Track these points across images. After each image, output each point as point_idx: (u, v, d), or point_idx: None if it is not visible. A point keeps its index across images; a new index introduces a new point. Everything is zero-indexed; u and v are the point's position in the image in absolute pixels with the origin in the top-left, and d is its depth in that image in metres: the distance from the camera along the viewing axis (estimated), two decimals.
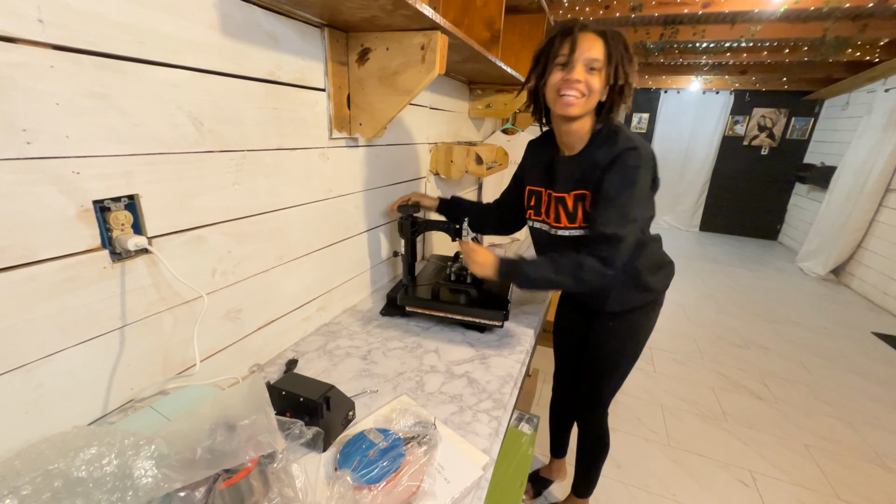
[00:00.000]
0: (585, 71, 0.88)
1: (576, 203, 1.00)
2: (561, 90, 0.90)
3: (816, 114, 5.21)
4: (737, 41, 3.26)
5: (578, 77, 0.87)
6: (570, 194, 1.00)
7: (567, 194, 1.01)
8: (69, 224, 0.57)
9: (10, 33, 0.48)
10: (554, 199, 1.03)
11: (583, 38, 0.87)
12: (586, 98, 0.89)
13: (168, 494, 0.47)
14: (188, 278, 0.72)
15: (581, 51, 0.87)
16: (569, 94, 0.89)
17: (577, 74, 0.88)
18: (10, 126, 0.49)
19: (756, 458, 1.81)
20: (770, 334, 2.99)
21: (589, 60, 0.87)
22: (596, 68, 0.88)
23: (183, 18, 0.65)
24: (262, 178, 0.86)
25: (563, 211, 1.02)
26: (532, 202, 1.12)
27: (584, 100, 0.90)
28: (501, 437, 0.79)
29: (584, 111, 0.92)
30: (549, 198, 1.05)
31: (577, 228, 1.01)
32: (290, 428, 0.61)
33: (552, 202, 1.04)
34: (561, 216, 1.03)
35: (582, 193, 0.98)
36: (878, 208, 3.81)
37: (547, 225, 1.07)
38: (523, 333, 1.17)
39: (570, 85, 0.88)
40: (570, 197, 1.00)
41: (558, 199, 1.03)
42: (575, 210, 1.00)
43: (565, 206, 1.02)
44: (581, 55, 0.87)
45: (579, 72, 0.88)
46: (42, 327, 0.56)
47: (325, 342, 1.07)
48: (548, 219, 1.07)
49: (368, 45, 0.99)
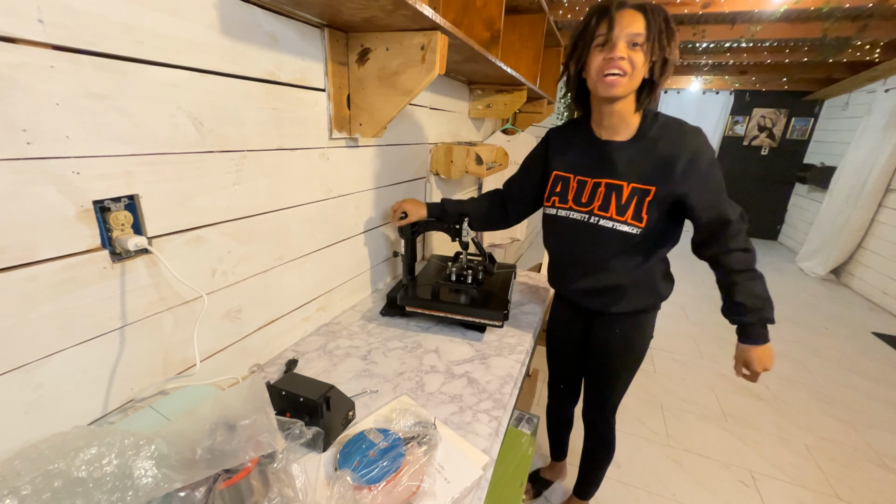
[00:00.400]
0: (628, 48, 0.83)
1: (632, 196, 0.93)
2: (604, 70, 0.85)
3: (816, 114, 5.20)
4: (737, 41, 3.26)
5: (621, 54, 0.83)
6: (628, 185, 0.93)
7: (625, 183, 0.94)
8: (69, 224, 0.57)
9: (10, 33, 0.48)
10: (604, 185, 0.96)
11: (621, 14, 0.83)
12: (629, 76, 0.85)
13: (168, 494, 0.47)
14: (188, 278, 0.72)
15: (621, 27, 0.83)
16: (612, 72, 0.84)
17: (620, 51, 0.83)
18: (10, 126, 0.49)
19: (756, 458, 1.81)
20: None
21: (631, 36, 0.83)
22: (638, 43, 0.83)
23: (183, 18, 0.65)
24: (262, 178, 0.86)
25: (615, 200, 0.95)
26: (559, 188, 1.04)
27: (628, 78, 0.85)
28: (501, 437, 0.79)
29: (629, 90, 0.88)
30: (590, 185, 0.98)
31: (622, 223, 0.95)
32: (290, 428, 0.61)
33: (599, 189, 0.97)
34: (611, 205, 0.95)
35: (645, 189, 0.92)
36: (878, 208, 3.81)
37: (584, 214, 0.99)
38: (523, 333, 1.17)
39: (613, 63, 0.84)
40: (627, 188, 0.93)
41: (611, 187, 0.95)
42: (628, 203, 0.93)
43: (619, 196, 0.94)
44: (622, 31, 0.83)
45: (621, 49, 0.83)
46: (42, 327, 0.56)
47: (325, 342, 1.07)
48: (586, 207, 0.99)
49: (368, 45, 0.99)
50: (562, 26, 3.36)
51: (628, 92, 0.88)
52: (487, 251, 1.39)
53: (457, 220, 1.23)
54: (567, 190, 1.03)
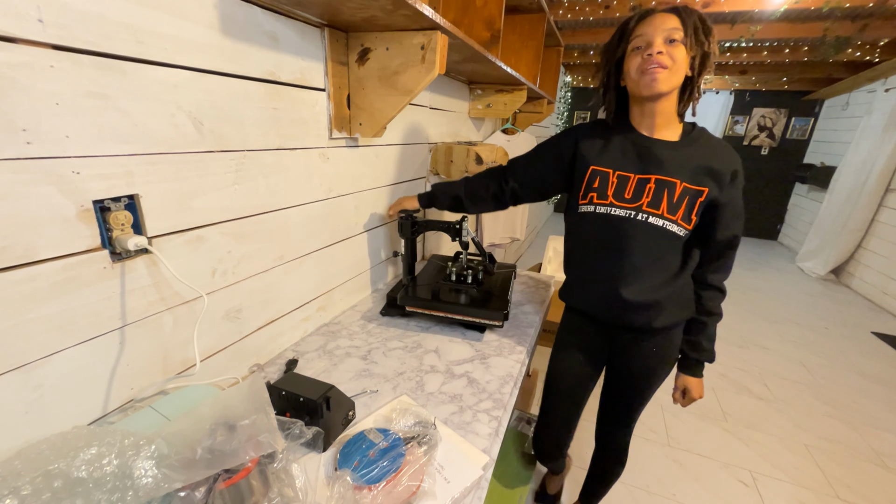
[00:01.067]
0: (665, 44, 0.84)
1: (684, 195, 0.90)
2: (644, 67, 0.85)
3: (816, 114, 5.21)
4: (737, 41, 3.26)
5: (660, 48, 0.84)
6: (681, 183, 0.90)
7: (678, 181, 0.90)
8: (69, 224, 0.57)
9: (10, 33, 0.48)
10: (654, 181, 0.92)
11: (652, 17, 0.85)
12: (670, 70, 0.84)
13: (168, 494, 0.47)
14: (188, 278, 0.72)
15: (655, 25, 0.84)
16: (652, 66, 0.84)
17: (658, 47, 0.84)
18: (10, 126, 0.49)
19: (756, 458, 1.81)
20: (770, 334, 2.99)
21: (668, 31, 0.83)
22: (676, 39, 0.83)
23: (183, 18, 0.65)
24: (262, 178, 0.86)
25: (667, 197, 0.91)
26: (596, 184, 0.97)
27: (669, 72, 0.84)
28: (501, 437, 0.79)
29: (672, 86, 0.87)
30: (634, 180, 0.93)
31: (673, 222, 0.91)
32: (290, 428, 0.61)
33: (648, 185, 0.92)
34: (662, 202, 0.91)
35: (699, 190, 0.90)
36: (878, 208, 3.81)
37: (631, 210, 0.93)
38: (523, 333, 1.17)
39: (653, 59, 0.84)
40: (679, 186, 0.90)
41: (663, 184, 0.91)
42: (679, 202, 0.90)
43: (671, 194, 0.91)
44: (657, 29, 0.84)
45: (659, 44, 0.84)
46: (42, 327, 0.56)
47: (325, 342, 1.07)
48: (632, 203, 0.93)
49: (368, 45, 0.99)
50: (562, 26, 3.36)
51: (671, 87, 0.87)
52: (487, 251, 1.39)
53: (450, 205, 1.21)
54: (606, 185, 0.96)
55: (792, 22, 2.95)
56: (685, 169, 0.91)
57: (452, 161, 1.63)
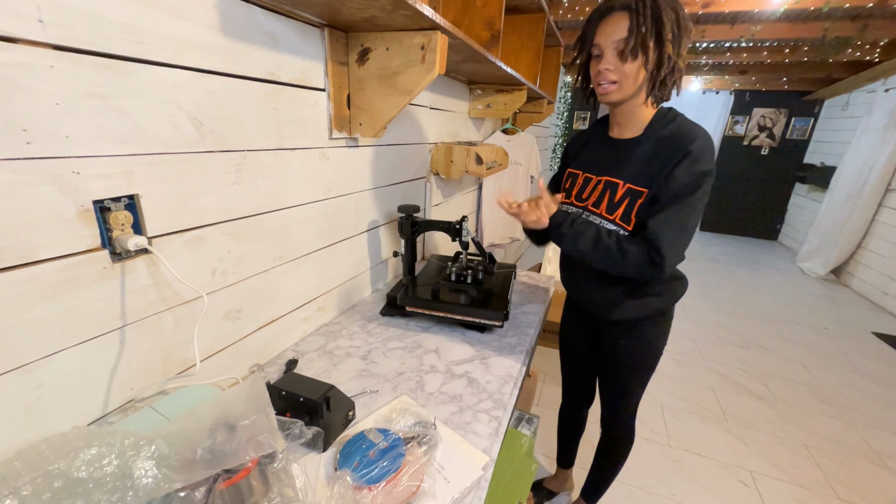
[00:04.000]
0: (615, 56, 0.83)
1: (625, 196, 0.90)
2: (596, 80, 0.88)
3: (816, 114, 5.20)
4: (737, 41, 3.26)
5: (608, 65, 0.84)
6: (623, 184, 0.91)
7: (621, 182, 0.92)
8: (69, 224, 0.57)
9: (10, 33, 0.48)
10: (603, 182, 0.95)
11: (606, 22, 0.83)
12: (619, 85, 0.85)
13: (168, 494, 0.47)
14: (188, 278, 0.72)
15: (605, 35, 0.83)
16: (603, 82, 0.87)
17: (606, 63, 0.84)
18: (10, 126, 0.49)
19: (756, 458, 1.81)
20: (770, 334, 2.99)
21: (615, 43, 0.83)
22: (625, 49, 0.82)
23: (183, 18, 0.65)
24: (262, 178, 0.86)
25: (608, 198, 0.93)
26: (567, 184, 1.04)
27: (619, 86, 0.85)
28: (501, 437, 0.79)
29: (625, 96, 0.88)
30: (593, 181, 0.97)
31: (610, 222, 0.93)
32: (290, 428, 0.61)
33: (598, 185, 0.96)
34: (603, 201, 0.93)
35: (639, 191, 0.89)
36: (878, 208, 3.81)
37: (580, 209, 0.99)
38: (523, 333, 1.17)
39: (602, 75, 0.86)
40: (622, 187, 0.91)
41: (608, 184, 0.94)
42: (620, 202, 0.91)
43: (613, 194, 0.92)
44: (607, 40, 0.83)
45: (608, 60, 0.84)
46: (42, 327, 0.56)
47: (325, 342, 1.07)
48: (583, 202, 0.98)
49: (368, 45, 0.99)
50: (562, 26, 3.36)
51: (624, 97, 0.89)
52: (487, 251, 1.39)
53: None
54: (574, 185, 1.02)
55: (792, 22, 2.95)
56: (631, 167, 0.92)
57: (452, 161, 1.63)
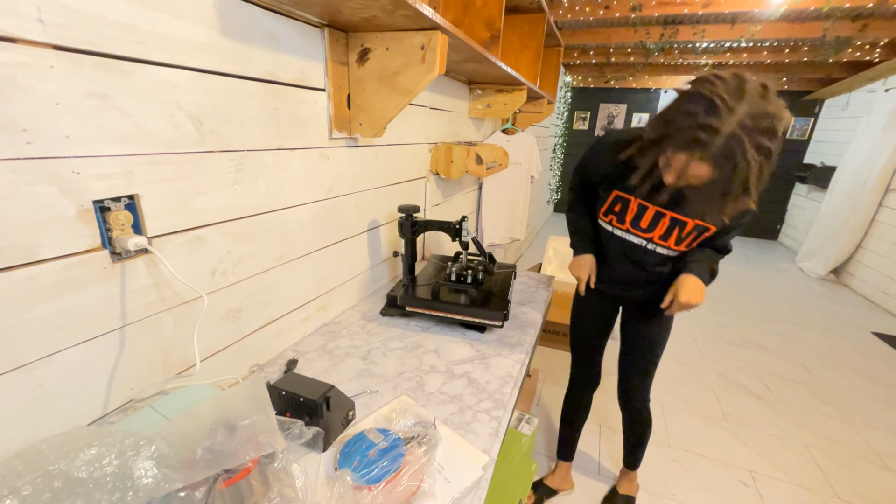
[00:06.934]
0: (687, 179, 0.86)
1: (692, 231, 1.02)
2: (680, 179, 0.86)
3: (816, 114, 5.21)
4: (737, 41, 3.26)
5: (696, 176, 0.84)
6: (693, 221, 1.01)
7: (690, 220, 1.01)
8: (69, 224, 0.57)
9: (10, 33, 0.48)
10: (670, 218, 1.03)
11: (688, 165, 0.82)
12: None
13: (168, 494, 0.47)
14: (188, 278, 0.72)
15: (683, 171, 0.84)
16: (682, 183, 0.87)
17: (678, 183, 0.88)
18: (10, 126, 0.49)
19: (756, 458, 1.81)
20: (770, 334, 2.99)
21: (697, 177, 0.84)
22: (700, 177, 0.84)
23: (183, 18, 0.65)
24: (262, 178, 0.86)
25: (677, 233, 1.03)
26: (617, 208, 1.09)
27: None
28: (501, 437, 0.79)
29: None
30: (652, 212, 1.04)
31: (675, 250, 1.06)
32: (290, 428, 0.61)
33: (663, 220, 1.03)
34: (672, 236, 1.04)
35: (707, 227, 1.01)
36: (878, 208, 3.81)
37: (646, 241, 1.08)
38: (523, 333, 1.17)
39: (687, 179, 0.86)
40: (691, 223, 1.01)
41: (677, 222, 1.02)
42: (687, 236, 1.03)
43: (681, 230, 1.03)
44: (683, 174, 0.85)
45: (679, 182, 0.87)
46: (42, 327, 0.56)
47: (325, 342, 1.07)
48: (647, 233, 1.07)
49: (368, 45, 0.99)
50: (562, 26, 3.36)
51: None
52: (487, 251, 1.39)
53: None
54: (626, 211, 1.08)
55: (792, 22, 2.95)
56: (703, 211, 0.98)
57: (452, 161, 1.63)
